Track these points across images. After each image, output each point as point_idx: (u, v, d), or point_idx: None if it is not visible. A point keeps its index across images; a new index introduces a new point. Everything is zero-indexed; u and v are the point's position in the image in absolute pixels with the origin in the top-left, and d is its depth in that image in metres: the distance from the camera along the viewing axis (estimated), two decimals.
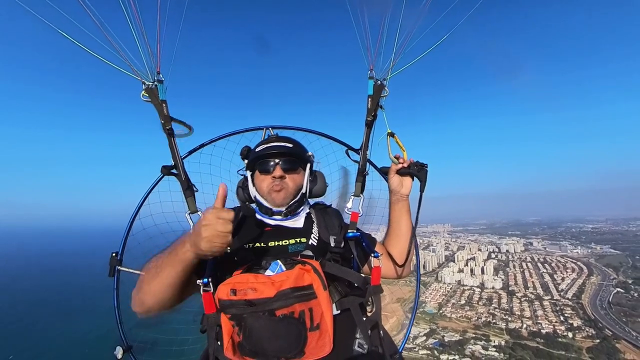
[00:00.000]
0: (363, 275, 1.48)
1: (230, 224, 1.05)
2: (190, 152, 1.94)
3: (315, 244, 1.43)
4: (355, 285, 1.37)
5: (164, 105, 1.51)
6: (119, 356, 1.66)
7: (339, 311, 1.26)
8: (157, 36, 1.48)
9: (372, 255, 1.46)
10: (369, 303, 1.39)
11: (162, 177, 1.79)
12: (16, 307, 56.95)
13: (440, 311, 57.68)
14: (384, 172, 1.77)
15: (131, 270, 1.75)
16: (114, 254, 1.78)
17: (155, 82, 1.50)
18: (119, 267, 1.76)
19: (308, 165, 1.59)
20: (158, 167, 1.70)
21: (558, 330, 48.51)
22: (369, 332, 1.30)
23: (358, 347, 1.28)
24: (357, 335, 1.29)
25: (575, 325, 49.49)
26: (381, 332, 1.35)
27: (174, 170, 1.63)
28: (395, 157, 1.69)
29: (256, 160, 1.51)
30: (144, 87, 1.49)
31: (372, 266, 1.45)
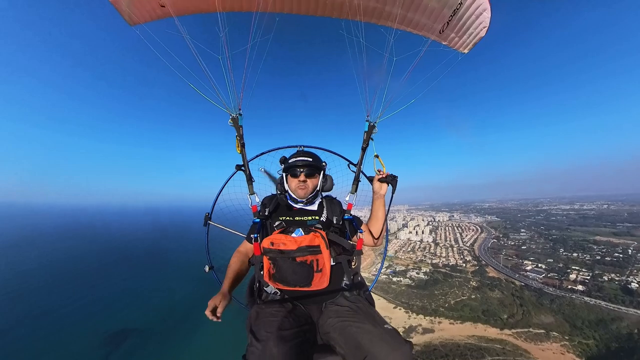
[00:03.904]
0: (352, 243, 2.02)
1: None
2: (252, 159, 2.67)
3: (324, 221, 2.00)
4: (346, 248, 1.94)
5: (241, 129, 2.18)
6: (206, 270, 2.33)
7: (334, 263, 1.83)
8: (242, 86, 2.07)
9: (358, 231, 2.06)
10: (354, 260, 1.99)
11: (236, 172, 2.43)
12: (120, 265, 70.77)
13: (395, 254, 79.52)
14: (370, 179, 2.36)
15: (216, 225, 2.49)
16: (207, 214, 2.49)
17: (237, 114, 2.14)
18: (209, 222, 2.48)
19: (322, 171, 2.18)
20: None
21: (458, 263, 69.16)
22: (352, 277, 1.91)
23: (344, 285, 1.87)
24: (344, 279, 1.89)
25: (467, 260, 70.87)
26: (359, 277, 1.95)
27: (242, 168, 2.28)
28: (377, 171, 2.28)
29: (288, 168, 2.13)
30: (230, 117, 2.13)
31: (358, 238, 2.01)
